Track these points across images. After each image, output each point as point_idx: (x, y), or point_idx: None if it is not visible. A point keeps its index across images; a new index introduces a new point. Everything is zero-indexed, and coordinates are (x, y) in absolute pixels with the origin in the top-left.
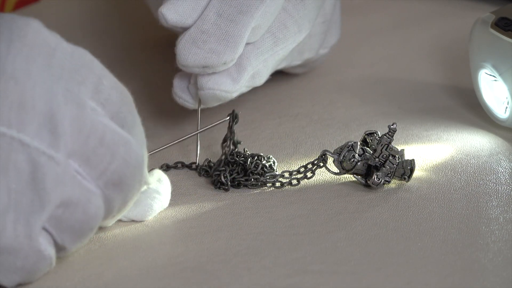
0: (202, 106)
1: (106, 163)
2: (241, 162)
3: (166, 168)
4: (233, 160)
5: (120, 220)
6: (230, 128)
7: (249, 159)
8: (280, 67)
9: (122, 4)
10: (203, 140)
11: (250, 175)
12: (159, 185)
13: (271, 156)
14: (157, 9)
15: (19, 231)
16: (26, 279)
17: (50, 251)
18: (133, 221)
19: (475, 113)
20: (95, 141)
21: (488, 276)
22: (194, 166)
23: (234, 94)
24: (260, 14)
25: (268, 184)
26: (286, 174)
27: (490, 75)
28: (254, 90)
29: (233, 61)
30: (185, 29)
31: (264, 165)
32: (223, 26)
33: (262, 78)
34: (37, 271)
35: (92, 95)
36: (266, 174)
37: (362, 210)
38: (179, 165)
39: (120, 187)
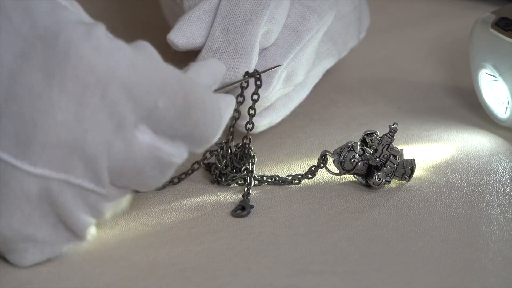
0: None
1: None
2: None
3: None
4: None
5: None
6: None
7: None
8: (332, 63)
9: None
10: None
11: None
12: None
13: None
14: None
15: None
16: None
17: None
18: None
19: (475, 113)
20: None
21: (488, 276)
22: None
23: (273, 97)
24: (266, 20)
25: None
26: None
27: (491, 75)
28: None
29: (251, 71)
30: (198, 49)
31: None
32: (232, 40)
33: (299, 75)
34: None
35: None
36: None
37: (362, 210)
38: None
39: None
